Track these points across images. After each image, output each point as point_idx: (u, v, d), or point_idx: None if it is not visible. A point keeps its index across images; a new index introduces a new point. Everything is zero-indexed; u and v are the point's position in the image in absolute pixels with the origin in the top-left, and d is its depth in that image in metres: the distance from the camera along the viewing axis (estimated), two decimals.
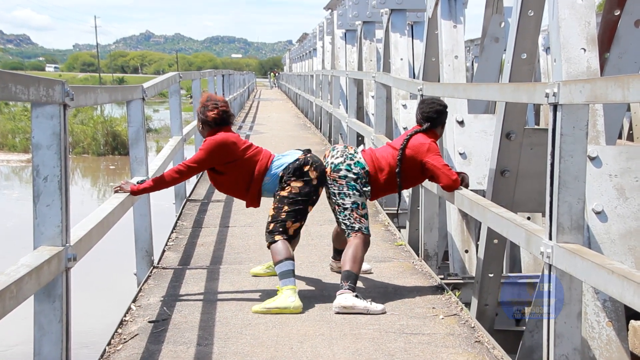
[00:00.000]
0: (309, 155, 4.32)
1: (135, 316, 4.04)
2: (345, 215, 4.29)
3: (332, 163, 4.34)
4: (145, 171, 5.02)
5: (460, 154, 6.16)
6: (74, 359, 2.89)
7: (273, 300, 4.05)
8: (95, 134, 23.57)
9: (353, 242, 4.24)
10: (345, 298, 4.03)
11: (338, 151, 4.40)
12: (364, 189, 4.32)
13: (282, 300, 4.02)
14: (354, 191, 4.28)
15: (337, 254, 4.81)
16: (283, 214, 4.19)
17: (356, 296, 4.05)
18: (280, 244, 4.14)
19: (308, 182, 4.22)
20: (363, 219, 4.28)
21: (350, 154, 4.36)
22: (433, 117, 4.44)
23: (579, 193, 2.99)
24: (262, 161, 4.26)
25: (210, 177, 4.34)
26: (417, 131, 4.46)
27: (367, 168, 4.32)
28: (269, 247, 4.19)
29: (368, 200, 4.40)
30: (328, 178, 4.32)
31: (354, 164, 4.32)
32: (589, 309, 3.77)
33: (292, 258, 4.13)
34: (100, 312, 8.70)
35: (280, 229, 4.18)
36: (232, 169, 4.23)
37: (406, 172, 4.38)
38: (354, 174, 4.29)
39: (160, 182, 4.22)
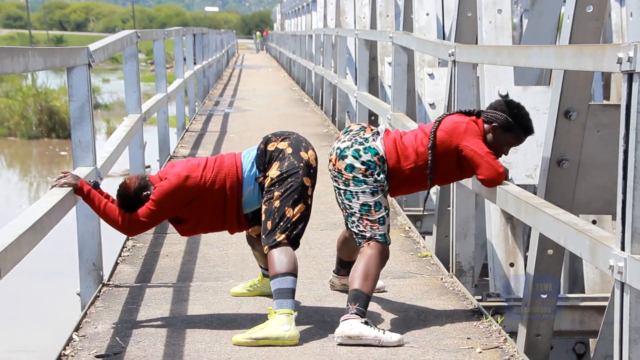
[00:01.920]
0: (268, 134, 4.38)
1: (78, 349, 4.05)
2: (354, 222, 4.28)
3: (337, 148, 4.33)
4: (93, 159, 5.03)
5: None
6: None
7: (262, 328, 4.05)
8: (26, 110, 23.60)
9: (365, 253, 4.23)
10: (350, 325, 4.04)
11: (349, 133, 4.39)
12: (378, 178, 4.27)
13: (273, 328, 4.02)
14: (363, 188, 4.24)
15: (342, 266, 4.81)
16: (276, 201, 4.18)
17: (365, 323, 4.05)
18: (284, 252, 4.13)
19: (282, 156, 4.24)
20: (377, 224, 4.26)
21: (363, 138, 4.33)
22: (497, 110, 4.42)
23: None
24: (231, 174, 4.25)
25: (176, 228, 4.40)
26: (449, 113, 4.47)
27: (381, 154, 4.28)
28: (266, 252, 4.19)
29: (387, 194, 4.39)
30: (332, 168, 4.32)
31: (364, 149, 4.28)
32: None
33: (295, 274, 4.12)
34: (33, 343, 8.71)
35: (281, 223, 4.16)
36: (198, 206, 4.25)
37: (438, 164, 4.36)
38: (362, 163, 4.25)
39: (111, 213, 4.25)
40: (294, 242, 4.19)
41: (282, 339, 4.01)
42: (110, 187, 4.53)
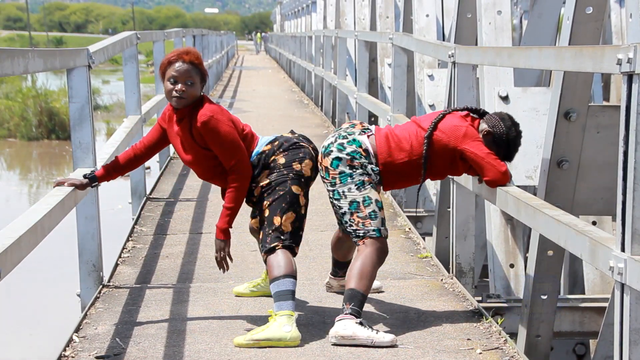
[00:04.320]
0: (275, 146, 4.32)
1: (78, 350, 4.04)
2: (346, 222, 4.28)
3: (323, 146, 4.37)
4: (93, 160, 5.03)
5: None
6: None
7: (263, 330, 4.05)
8: (25, 111, 23.60)
9: (361, 252, 4.23)
10: (344, 326, 4.04)
11: (336, 130, 4.44)
12: (365, 169, 4.28)
13: (274, 330, 4.03)
14: (349, 185, 4.24)
15: (338, 267, 4.81)
16: (265, 211, 4.19)
17: (360, 323, 4.05)
18: (281, 255, 4.12)
19: (273, 166, 4.24)
20: (368, 219, 4.24)
21: (347, 132, 4.36)
22: (502, 122, 4.43)
23: None
24: (248, 143, 4.29)
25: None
26: (452, 110, 4.47)
27: (365, 146, 4.29)
28: (265, 260, 4.20)
29: (380, 187, 4.39)
30: (320, 168, 4.34)
31: (347, 142, 4.30)
32: None
33: (294, 275, 4.12)
34: (33, 345, 8.71)
35: (270, 232, 4.17)
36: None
37: (432, 160, 4.37)
38: (348, 154, 4.26)
39: (238, 191, 4.20)
40: (287, 248, 4.19)
41: (284, 340, 4.01)
42: (111, 188, 4.53)
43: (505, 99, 6.26)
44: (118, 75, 41.41)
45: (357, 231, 4.24)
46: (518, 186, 4.52)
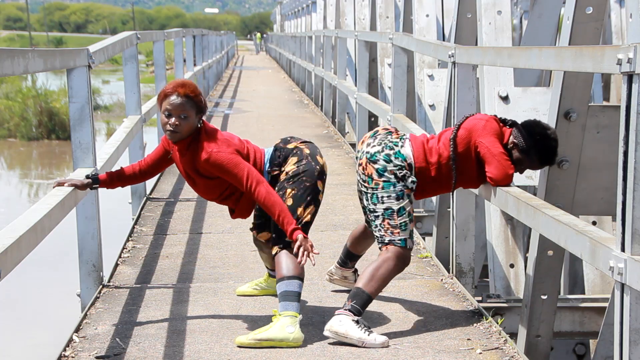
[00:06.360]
0: (287, 137, 4.40)
1: (78, 350, 4.05)
2: (376, 226, 4.32)
3: (367, 152, 4.36)
4: (93, 160, 5.03)
5: None
6: None
7: (266, 330, 4.05)
8: (26, 111, 23.61)
9: (381, 255, 4.26)
10: (340, 321, 4.06)
11: (376, 137, 4.42)
12: (407, 182, 4.31)
13: (278, 330, 4.03)
14: (389, 192, 4.28)
15: (349, 258, 4.83)
16: (288, 199, 4.18)
17: (356, 322, 4.06)
18: (292, 256, 4.13)
19: (299, 154, 4.26)
20: (397, 229, 4.27)
21: (392, 142, 4.37)
22: (525, 128, 4.41)
23: None
24: (258, 159, 4.28)
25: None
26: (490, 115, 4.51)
27: (410, 160, 4.32)
28: (275, 254, 4.19)
29: (412, 200, 4.41)
30: (361, 172, 4.36)
31: (394, 154, 4.33)
32: None
33: (301, 277, 4.13)
34: (32, 345, 8.71)
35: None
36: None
37: (461, 163, 4.39)
38: (395, 166, 4.30)
39: (270, 197, 4.10)
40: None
41: (287, 341, 4.01)
42: (109, 190, 4.53)
43: (505, 99, 6.26)
44: (118, 75, 41.44)
45: (384, 237, 4.28)
46: (518, 186, 4.52)
